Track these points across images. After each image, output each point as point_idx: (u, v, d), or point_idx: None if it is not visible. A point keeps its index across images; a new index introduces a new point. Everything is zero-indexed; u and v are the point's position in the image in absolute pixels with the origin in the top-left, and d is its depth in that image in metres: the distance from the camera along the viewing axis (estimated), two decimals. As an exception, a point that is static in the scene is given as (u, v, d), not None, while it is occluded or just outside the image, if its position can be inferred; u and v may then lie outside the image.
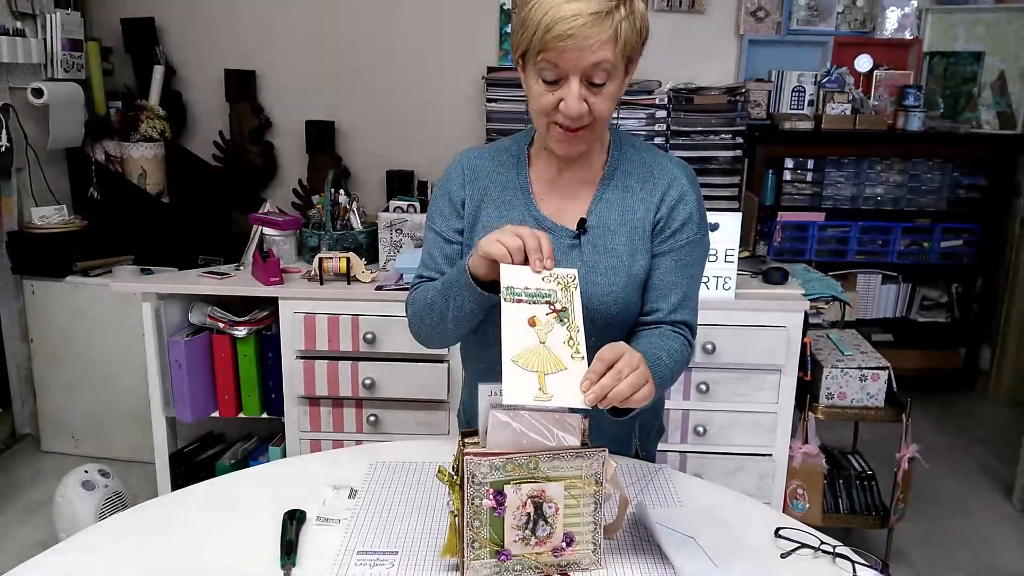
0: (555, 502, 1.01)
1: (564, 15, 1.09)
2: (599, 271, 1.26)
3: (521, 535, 1.01)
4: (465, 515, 1.00)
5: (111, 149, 3.35)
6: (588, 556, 1.04)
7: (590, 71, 1.13)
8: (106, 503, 2.38)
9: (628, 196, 1.29)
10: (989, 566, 2.60)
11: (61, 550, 1.10)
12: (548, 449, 1.01)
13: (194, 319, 2.34)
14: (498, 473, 0.99)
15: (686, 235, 1.28)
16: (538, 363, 1.01)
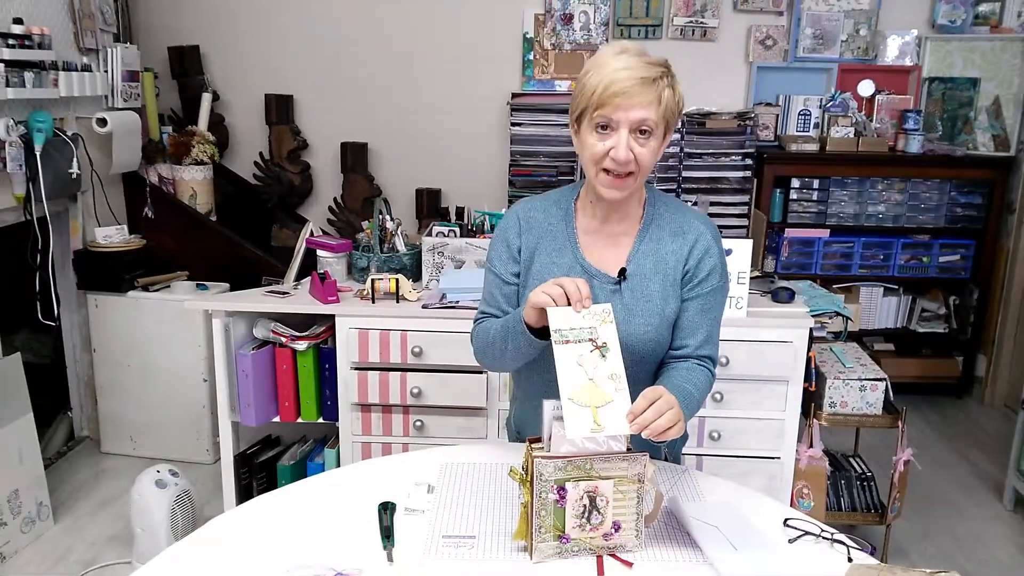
0: (606, 496, 1.25)
1: (620, 78, 1.36)
2: (637, 313, 1.49)
3: (578, 522, 1.26)
4: (534, 506, 1.24)
5: (164, 172, 3.61)
6: (632, 540, 1.29)
7: (637, 124, 1.38)
8: (176, 500, 2.63)
9: (661, 247, 1.52)
10: (981, 561, 2.82)
11: (196, 540, 1.32)
12: (600, 454, 1.25)
13: (258, 334, 2.59)
14: (560, 472, 1.24)
15: (711, 284, 1.52)
16: (589, 398, 1.25)
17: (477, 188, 4.11)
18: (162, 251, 3.49)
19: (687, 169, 3.87)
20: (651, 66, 1.39)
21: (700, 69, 4.07)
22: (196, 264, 3.51)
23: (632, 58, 1.39)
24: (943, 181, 3.95)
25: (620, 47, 1.42)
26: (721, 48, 4.08)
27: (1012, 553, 2.89)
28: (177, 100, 4.09)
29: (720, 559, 1.25)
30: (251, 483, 2.72)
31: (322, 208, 4.27)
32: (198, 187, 3.62)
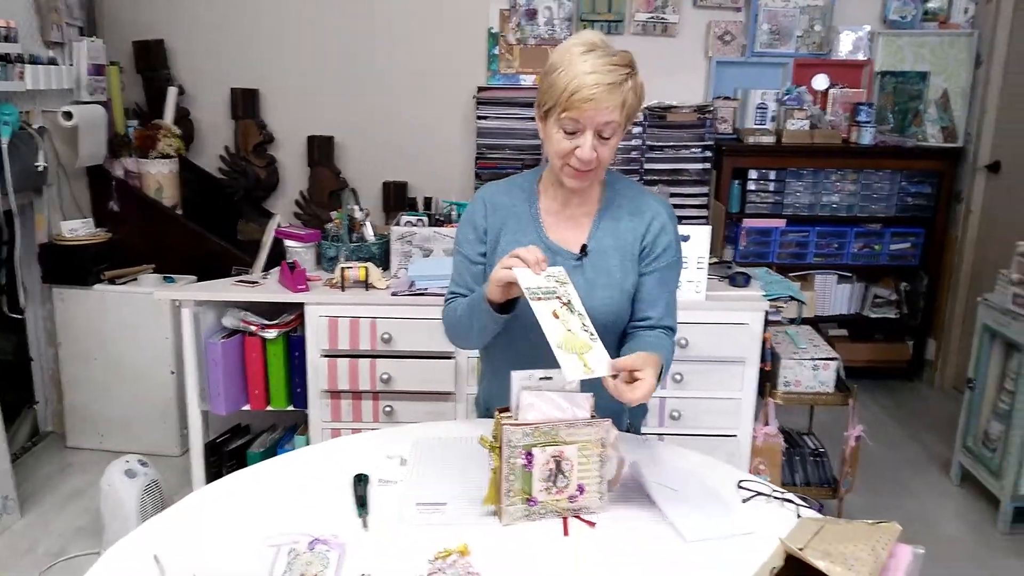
0: (571, 460, 1.33)
1: (587, 83, 1.41)
2: (598, 286, 1.58)
3: (545, 486, 1.33)
4: (503, 471, 1.31)
5: (130, 165, 3.60)
6: (596, 502, 1.36)
7: (601, 127, 1.46)
8: (146, 489, 2.65)
9: (620, 225, 1.61)
10: (930, 535, 2.93)
11: (168, 517, 1.36)
12: (565, 420, 1.32)
13: (227, 323, 2.62)
14: (528, 438, 1.31)
15: (667, 258, 1.62)
16: (573, 346, 1.33)
17: (443, 181, 4.16)
18: (128, 244, 3.49)
19: (649, 161, 3.97)
20: (617, 68, 1.44)
21: (661, 64, 4.16)
22: (162, 257, 3.52)
23: (599, 59, 1.44)
24: (894, 172, 4.09)
25: (586, 43, 1.47)
26: (681, 43, 4.18)
27: (959, 527, 3.02)
28: (143, 94, 4.08)
29: (678, 518, 1.33)
30: (221, 471, 2.75)
31: (288, 202, 4.29)
32: (164, 181, 3.62)
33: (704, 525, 1.32)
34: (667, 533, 1.32)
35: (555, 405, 1.33)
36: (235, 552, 1.24)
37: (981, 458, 3.12)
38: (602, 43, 1.47)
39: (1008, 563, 2.76)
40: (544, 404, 1.32)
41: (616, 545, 1.29)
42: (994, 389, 3.10)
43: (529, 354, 1.60)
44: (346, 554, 1.23)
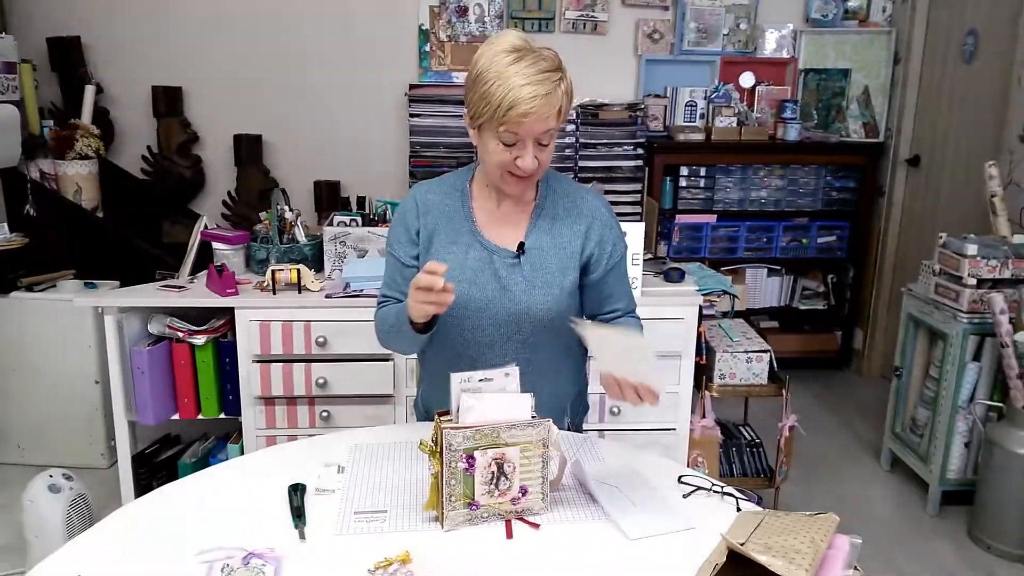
0: (513, 462, 1.31)
1: (524, 97, 1.38)
2: (537, 285, 1.57)
3: (487, 489, 1.31)
4: (444, 475, 1.29)
5: (46, 167, 3.45)
6: (538, 503, 1.35)
7: (540, 136, 1.44)
8: (72, 504, 2.54)
9: (557, 223, 1.60)
10: (862, 518, 3.02)
11: (96, 534, 1.30)
12: (506, 422, 1.31)
13: (153, 329, 2.53)
14: (469, 441, 1.29)
15: (618, 252, 1.64)
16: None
17: (377, 180, 4.11)
18: (46, 249, 3.34)
19: (583, 159, 3.98)
20: (549, 75, 1.41)
21: (592, 61, 4.18)
22: (83, 262, 3.38)
23: (530, 67, 1.40)
24: (819, 167, 4.20)
25: (512, 48, 1.42)
26: (611, 41, 4.21)
27: (890, 510, 3.12)
28: (58, 93, 3.92)
29: (621, 516, 1.33)
30: (151, 484, 2.65)
31: (215, 202, 4.17)
32: (83, 182, 3.48)
33: (646, 523, 1.32)
34: (610, 532, 1.31)
35: (495, 407, 1.31)
36: (166, 570, 1.19)
37: (909, 444, 3.22)
38: (527, 45, 1.44)
39: (935, 544, 2.86)
40: (484, 406, 1.30)
41: (560, 546, 1.28)
42: (920, 377, 3.21)
43: (464, 355, 1.59)
44: (283, 568, 1.19)
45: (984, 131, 3.52)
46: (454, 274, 1.54)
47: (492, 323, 1.58)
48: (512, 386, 1.34)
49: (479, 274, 1.57)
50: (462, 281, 1.56)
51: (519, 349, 1.60)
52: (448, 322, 1.57)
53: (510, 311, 1.57)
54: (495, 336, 1.59)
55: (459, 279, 1.55)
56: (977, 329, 2.86)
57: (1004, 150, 3.32)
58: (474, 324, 1.58)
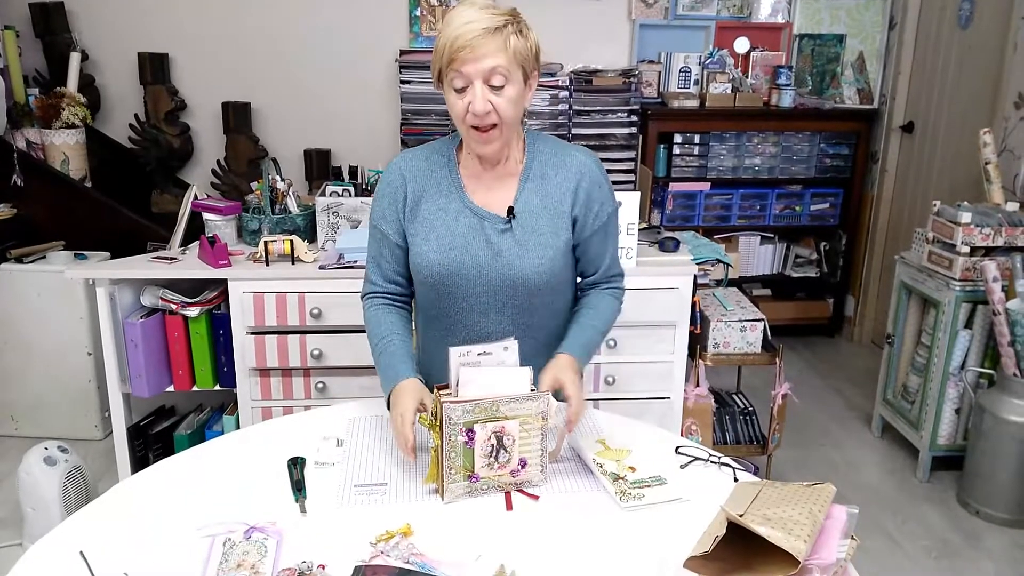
0: (512, 435, 1.31)
1: (464, 32, 1.38)
2: (530, 248, 1.54)
3: (487, 462, 1.31)
4: (444, 449, 1.29)
5: (32, 136, 3.40)
6: (537, 475, 1.36)
7: (488, 75, 1.41)
8: (68, 476, 2.54)
9: (546, 184, 1.57)
10: (853, 484, 3.06)
11: (94, 510, 1.30)
12: (506, 395, 1.31)
13: (146, 301, 2.51)
14: (469, 415, 1.29)
15: (606, 211, 1.60)
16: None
17: (368, 148, 4.07)
18: (35, 220, 3.31)
19: (576, 126, 3.95)
20: (495, 16, 1.40)
21: (585, 27, 4.13)
22: (73, 233, 3.35)
23: (476, 11, 1.41)
24: (813, 134, 4.18)
25: (470, 3, 1.43)
26: (605, 6, 4.15)
27: (880, 475, 3.15)
28: (43, 60, 3.85)
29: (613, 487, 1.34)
30: (147, 455, 2.66)
31: (205, 171, 4.13)
32: (70, 152, 3.43)
33: (643, 491, 1.33)
34: (607, 503, 1.32)
35: (494, 380, 1.31)
36: (167, 545, 1.19)
37: (900, 410, 3.25)
38: (483, 3, 1.44)
39: (923, 509, 2.90)
40: (483, 380, 1.30)
41: (559, 516, 1.29)
42: (911, 344, 3.23)
43: (459, 323, 1.59)
44: (284, 541, 1.20)
45: (979, 97, 3.51)
46: (444, 241, 1.55)
47: (486, 290, 1.56)
48: (511, 360, 1.34)
49: (470, 241, 1.54)
50: (453, 249, 1.54)
51: (515, 315, 1.58)
52: (442, 291, 1.57)
53: (504, 277, 1.54)
54: (490, 303, 1.57)
55: (450, 246, 1.54)
56: (969, 297, 2.88)
57: (999, 116, 3.31)
58: (468, 292, 1.57)
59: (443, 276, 1.55)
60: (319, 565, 1.13)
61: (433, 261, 1.55)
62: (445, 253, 1.54)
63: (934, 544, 2.70)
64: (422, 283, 1.61)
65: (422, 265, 1.56)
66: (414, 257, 1.58)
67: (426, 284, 1.59)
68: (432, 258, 1.54)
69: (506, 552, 1.17)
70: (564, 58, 4.00)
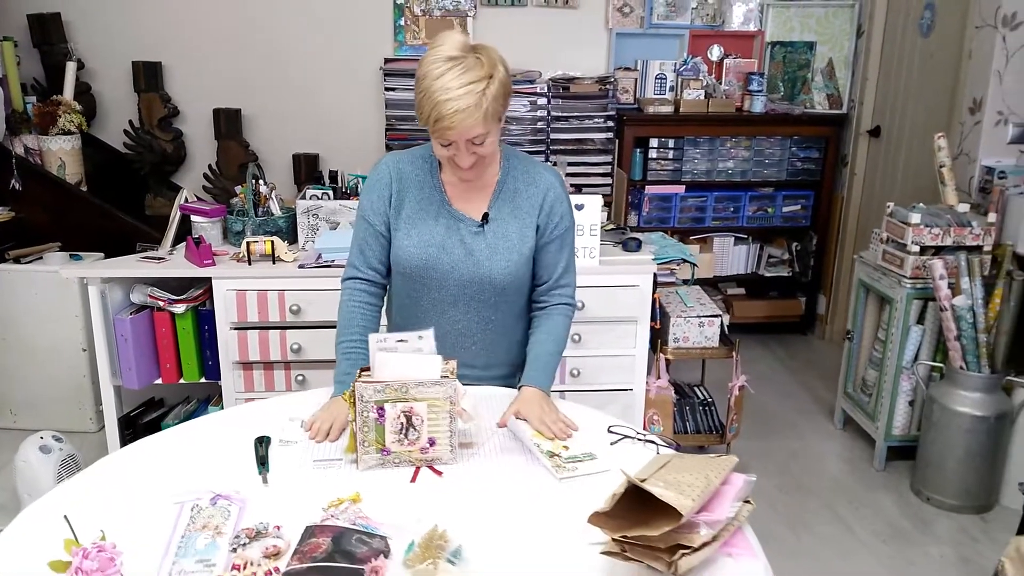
0: (421, 415, 1.47)
1: (446, 113, 1.51)
2: (499, 251, 1.74)
3: (397, 438, 1.47)
4: (357, 423, 1.45)
5: (30, 143, 3.56)
6: (447, 454, 1.50)
7: (471, 139, 1.57)
8: (62, 464, 2.69)
9: (517, 196, 1.76)
10: (813, 472, 3.21)
11: (83, 480, 1.44)
12: (415, 379, 1.46)
13: (135, 299, 2.67)
14: (379, 394, 1.45)
15: (563, 225, 1.79)
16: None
17: (354, 153, 4.22)
18: (32, 223, 3.46)
19: (554, 132, 4.10)
20: (472, 86, 1.50)
21: (563, 35, 4.28)
22: (69, 235, 3.50)
23: (456, 79, 1.50)
24: (784, 138, 4.32)
25: (446, 56, 1.52)
26: (582, 15, 4.30)
27: (839, 465, 3.30)
28: (40, 69, 4.00)
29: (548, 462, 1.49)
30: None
31: (197, 175, 4.28)
32: (66, 157, 3.59)
33: (574, 467, 1.48)
34: (543, 475, 1.47)
35: (407, 366, 1.47)
36: (142, 510, 1.34)
37: (859, 403, 3.40)
38: (462, 53, 1.53)
39: (877, 496, 3.04)
40: (397, 364, 1.46)
41: (499, 487, 1.43)
42: (870, 339, 3.37)
43: (430, 312, 1.78)
44: (246, 508, 1.35)
45: (939, 103, 3.65)
46: (424, 238, 1.74)
47: (457, 284, 1.75)
48: (427, 348, 1.50)
49: (447, 240, 1.74)
50: (431, 246, 1.73)
51: (480, 308, 1.78)
52: (417, 282, 1.76)
53: (474, 274, 1.74)
54: (459, 296, 1.77)
55: (428, 243, 1.73)
56: (920, 294, 3.02)
57: (955, 121, 3.45)
58: (440, 284, 1.76)
59: (420, 269, 1.75)
60: (275, 526, 1.27)
61: (412, 255, 1.74)
62: (424, 249, 1.74)
63: (885, 529, 2.84)
64: (400, 273, 1.80)
65: (402, 257, 1.75)
66: (395, 249, 1.77)
67: (404, 274, 1.79)
68: (412, 252, 1.74)
69: (445, 517, 1.31)
70: (543, 65, 4.15)
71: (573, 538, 1.27)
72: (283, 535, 1.25)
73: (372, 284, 1.83)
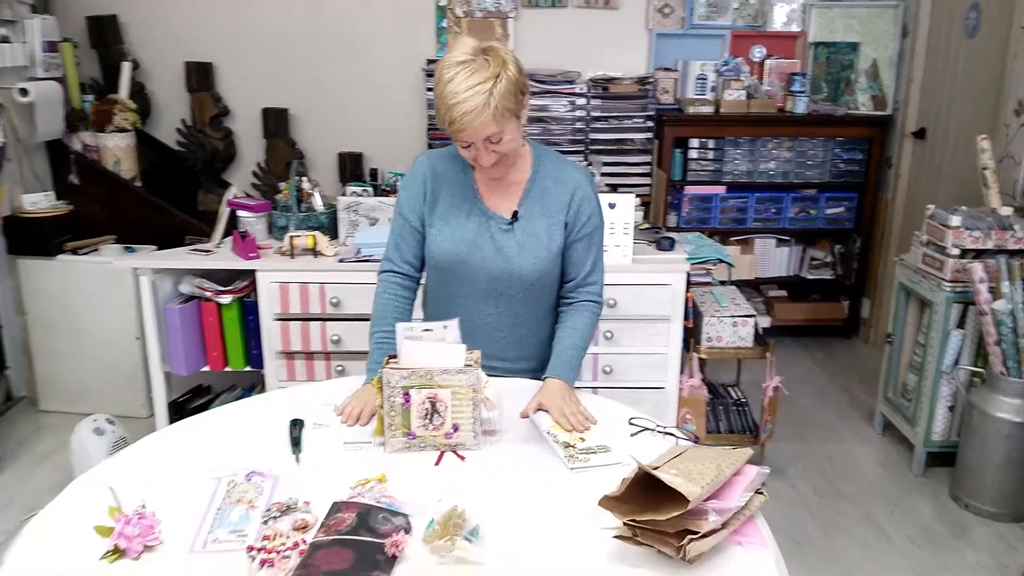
0: (445, 402, 1.52)
1: (456, 116, 1.56)
2: (527, 248, 1.79)
3: (423, 423, 1.53)
4: (385, 408, 1.51)
5: (87, 139, 3.71)
6: (470, 439, 1.55)
7: (486, 138, 1.62)
8: (114, 446, 2.82)
9: (547, 195, 1.81)
10: (849, 477, 3.18)
11: (129, 455, 1.54)
12: (439, 367, 1.52)
13: (184, 289, 2.78)
14: (405, 380, 1.51)
15: (591, 224, 1.84)
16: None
17: (397, 151, 4.30)
18: (89, 216, 3.62)
19: (593, 132, 4.14)
20: (478, 88, 1.54)
21: (604, 36, 4.31)
22: (123, 228, 3.65)
23: (462, 81, 1.54)
24: (827, 139, 4.29)
25: (456, 61, 1.57)
26: (623, 16, 4.32)
27: (876, 470, 3.27)
28: (98, 69, 4.17)
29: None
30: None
31: (246, 173, 4.41)
32: (121, 154, 3.74)
33: (588, 458, 1.52)
34: (557, 465, 1.51)
35: (432, 354, 1.53)
36: (182, 484, 1.42)
37: (899, 408, 3.36)
38: (471, 56, 1.57)
39: (914, 502, 3.01)
40: (422, 352, 1.52)
41: (515, 474, 1.48)
42: (910, 344, 3.34)
43: (461, 306, 1.84)
44: (279, 484, 1.42)
45: (984, 104, 3.60)
46: (456, 233, 1.80)
47: (487, 279, 1.81)
48: (451, 337, 1.56)
49: (478, 236, 1.80)
50: (463, 242, 1.79)
51: (510, 304, 1.84)
52: (449, 275, 1.83)
53: (503, 270, 1.79)
54: (489, 291, 1.82)
55: (460, 240, 1.79)
56: (960, 297, 2.99)
57: (1000, 123, 3.40)
58: (471, 280, 1.82)
59: (452, 264, 1.81)
60: (304, 501, 1.34)
61: (445, 250, 1.80)
62: (455, 245, 1.80)
63: (920, 534, 2.81)
64: (434, 267, 1.87)
65: (435, 252, 1.82)
66: (429, 244, 1.84)
67: (437, 269, 1.86)
68: (444, 247, 1.80)
69: (465, 498, 1.36)
70: (583, 66, 4.19)
71: (587, 523, 1.31)
72: (311, 510, 1.32)
73: (406, 277, 1.89)
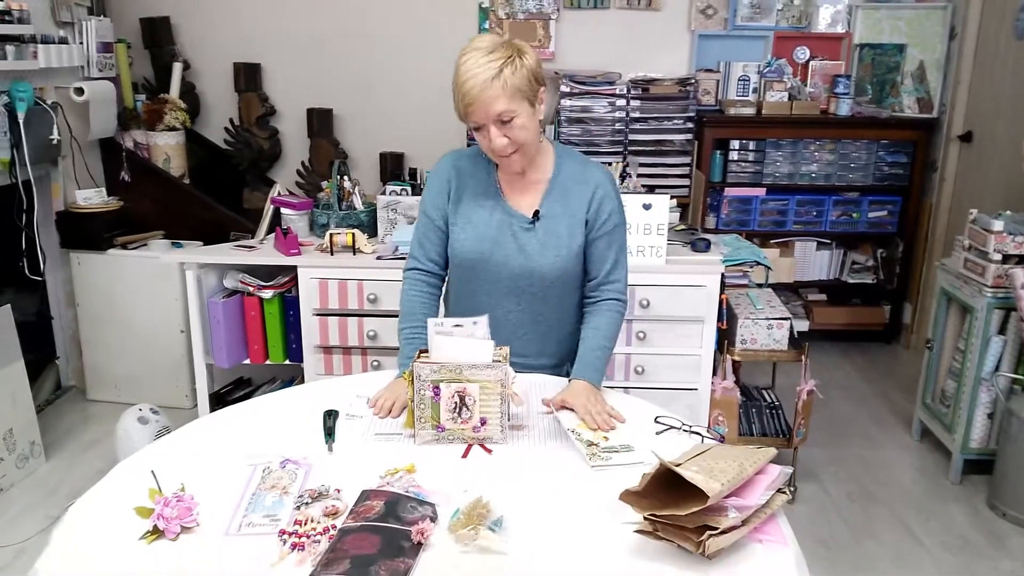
0: (473, 396, 1.56)
1: (466, 89, 1.62)
2: (549, 247, 1.81)
3: (451, 416, 1.56)
4: (415, 400, 1.55)
5: (139, 137, 3.83)
6: (497, 433, 1.58)
7: (496, 117, 1.65)
8: (158, 434, 2.92)
9: (568, 194, 1.83)
10: (884, 483, 3.15)
11: (170, 441, 1.60)
12: (468, 362, 1.55)
13: (228, 284, 2.86)
14: (435, 374, 1.55)
15: (612, 222, 1.85)
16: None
17: (437, 152, 4.24)
18: (139, 212, 3.73)
19: (633, 132, 4.14)
20: (491, 62, 1.60)
21: (645, 37, 4.31)
22: (172, 224, 3.76)
23: (474, 61, 1.61)
24: (871, 142, 4.23)
25: (471, 46, 1.65)
26: (665, 17, 4.32)
27: (913, 476, 3.23)
28: (150, 69, 4.30)
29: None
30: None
31: (291, 171, 4.51)
32: (171, 152, 3.85)
33: (609, 456, 1.54)
34: (579, 462, 1.53)
35: (462, 349, 1.56)
36: (220, 469, 1.48)
37: (937, 414, 3.32)
38: (486, 46, 1.64)
39: (950, 509, 2.97)
40: (452, 347, 1.56)
41: (539, 469, 1.51)
42: (950, 350, 3.29)
43: (484, 302, 1.87)
44: (312, 472, 1.47)
45: (1033, 108, 3.53)
46: (479, 231, 1.83)
47: (509, 277, 1.84)
48: (480, 333, 1.59)
49: (500, 235, 1.83)
50: (485, 240, 1.83)
51: (532, 301, 1.86)
52: (471, 273, 1.86)
53: (524, 267, 1.82)
54: (511, 288, 1.85)
55: (482, 238, 1.83)
56: (1002, 303, 2.94)
57: (1049, 127, 3.33)
58: (494, 277, 1.85)
59: (474, 261, 1.84)
60: (336, 489, 1.39)
61: (467, 248, 1.84)
62: (478, 243, 1.83)
63: (954, 541, 2.78)
64: (457, 265, 1.90)
65: (459, 249, 1.86)
66: (453, 242, 1.87)
67: (460, 266, 1.89)
68: (467, 245, 1.84)
69: (490, 490, 1.40)
70: (624, 67, 4.20)
71: (608, 517, 1.33)
72: (342, 497, 1.36)
73: (431, 275, 1.93)
